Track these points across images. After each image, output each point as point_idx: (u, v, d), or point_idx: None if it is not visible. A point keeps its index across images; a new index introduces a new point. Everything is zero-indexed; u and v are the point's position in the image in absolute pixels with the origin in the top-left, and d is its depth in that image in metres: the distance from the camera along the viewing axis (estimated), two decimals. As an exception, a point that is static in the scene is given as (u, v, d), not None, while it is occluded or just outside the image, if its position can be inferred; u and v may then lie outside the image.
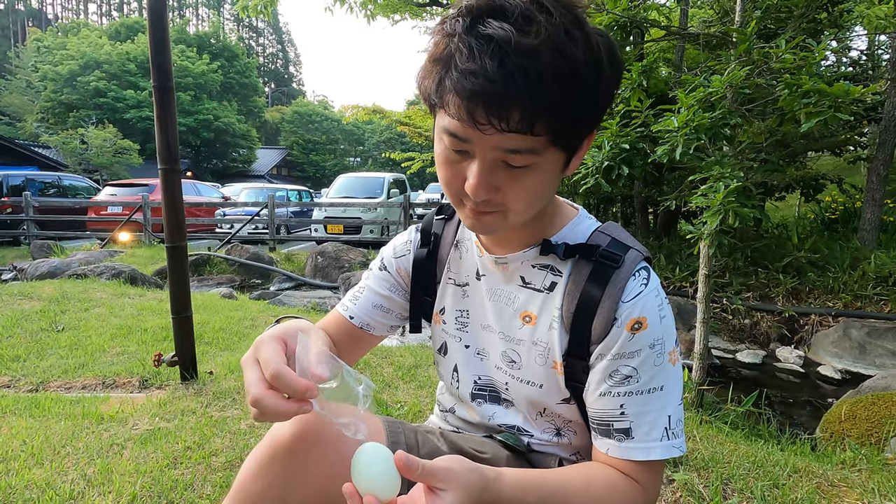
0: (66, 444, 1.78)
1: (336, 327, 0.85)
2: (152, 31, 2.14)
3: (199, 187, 13.10)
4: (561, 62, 0.51)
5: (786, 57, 2.16)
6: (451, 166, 0.61)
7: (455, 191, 0.62)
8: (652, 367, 0.65)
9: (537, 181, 0.59)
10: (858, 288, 4.59)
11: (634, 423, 0.65)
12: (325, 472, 0.61)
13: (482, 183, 0.57)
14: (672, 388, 0.66)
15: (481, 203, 0.60)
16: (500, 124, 0.52)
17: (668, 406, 0.65)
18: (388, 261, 0.87)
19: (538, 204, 0.63)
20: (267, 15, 7.25)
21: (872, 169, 5.28)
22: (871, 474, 1.78)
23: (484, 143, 0.55)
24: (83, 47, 28.12)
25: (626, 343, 0.64)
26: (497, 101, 0.51)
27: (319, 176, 40.46)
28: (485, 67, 0.50)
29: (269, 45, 71.56)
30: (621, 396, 0.65)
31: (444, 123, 0.57)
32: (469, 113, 0.53)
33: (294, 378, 0.51)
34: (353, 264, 7.14)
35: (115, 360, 2.75)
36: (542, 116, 0.53)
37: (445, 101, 0.55)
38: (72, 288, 4.59)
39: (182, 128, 29.21)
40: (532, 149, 0.55)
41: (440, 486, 0.52)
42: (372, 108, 11.68)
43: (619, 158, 2.82)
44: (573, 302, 0.68)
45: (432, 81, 0.56)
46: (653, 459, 0.64)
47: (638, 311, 0.64)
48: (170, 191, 2.28)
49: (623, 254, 0.67)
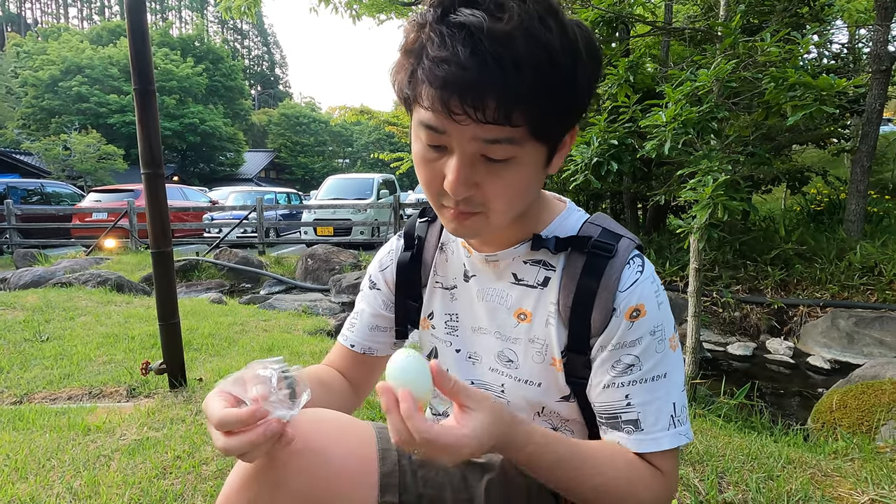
0: (51, 456, 1.73)
1: (341, 359, 0.86)
2: (132, 33, 2.10)
3: (185, 192, 12.95)
4: (536, 49, 0.50)
5: (771, 50, 2.18)
6: (430, 165, 0.59)
7: (435, 192, 0.60)
8: (654, 354, 0.64)
9: (519, 177, 0.58)
10: (845, 278, 4.65)
11: (642, 414, 0.64)
12: (310, 481, 0.59)
13: (461, 178, 0.56)
14: (674, 374, 0.66)
15: (462, 203, 0.58)
16: (476, 114, 0.51)
17: (672, 393, 0.65)
18: (375, 277, 0.86)
19: (520, 203, 0.62)
20: (251, 16, 7.18)
21: (856, 161, 5.35)
22: (863, 463, 1.79)
23: (461, 135, 0.54)
24: (64, 52, 27.66)
25: (626, 332, 0.64)
26: (471, 89, 0.50)
27: (308, 178, 40.23)
28: (457, 55, 0.49)
29: (254, 47, 70.99)
30: (626, 386, 0.65)
31: (420, 117, 0.56)
32: (443, 103, 0.51)
33: (236, 413, 0.52)
34: (344, 266, 7.09)
35: (101, 370, 2.70)
36: (518, 105, 0.51)
37: (419, 92, 0.54)
38: (56, 297, 4.50)
39: (167, 132, 28.90)
40: (511, 139, 0.53)
41: (471, 405, 0.54)
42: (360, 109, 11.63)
43: (608, 154, 2.82)
44: (569, 296, 0.67)
45: (405, 74, 0.55)
46: (664, 450, 0.64)
47: (636, 298, 0.64)
48: (154, 196, 2.23)
49: (615, 243, 0.67)
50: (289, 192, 15.33)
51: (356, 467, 0.61)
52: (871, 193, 5.99)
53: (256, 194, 11.96)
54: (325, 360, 0.89)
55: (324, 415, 0.64)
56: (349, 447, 0.62)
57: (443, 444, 0.52)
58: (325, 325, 4.11)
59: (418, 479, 0.64)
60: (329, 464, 0.60)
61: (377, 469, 0.62)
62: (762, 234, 5.71)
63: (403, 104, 0.60)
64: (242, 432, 0.52)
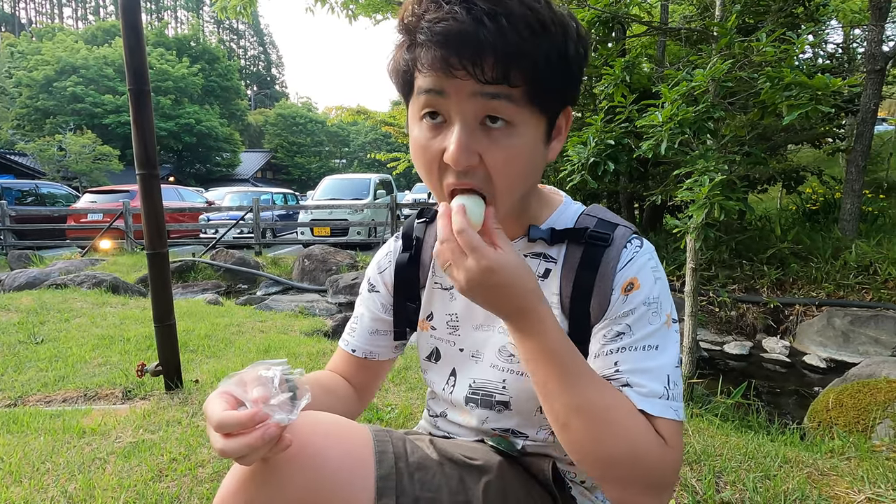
0: (45, 459, 1.72)
1: (344, 364, 0.86)
2: (126, 33, 2.09)
3: (181, 192, 12.91)
4: (528, 11, 0.53)
5: (767, 50, 2.18)
6: (429, 145, 0.59)
7: (437, 176, 0.60)
8: (646, 325, 0.63)
9: (519, 149, 0.58)
10: (840, 277, 4.67)
11: (631, 379, 0.61)
12: (306, 484, 0.58)
13: (461, 145, 0.56)
14: (668, 349, 0.63)
15: (464, 176, 0.58)
16: (475, 70, 0.52)
17: (666, 367, 0.61)
18: (374, 280, 0.86)
19: (522, 182, 0.62)
20: (247, 16, 7.14)
21: (851, 160, 5.38)
22: (859, 462, 1.80)
23: (460, 94, 0.55)
24: (59, 52, 27.51)
25: (619, 305, 0.64)
26: (469, 44, 0.52)
27: (305, 178, 40.13)
28: (453, 13, 0.52)
29: (250, 47, 70.81)
30: (615, 353, 0.62)
31: (420, 84, 0.57)
32: (443, 60, 0.53)
33: (236, 415, 0.51)
34: (341, 266, 7.08)
35: (96, 372, 2.68)
36: (515, 62, 0.53)
37: (418, 57, 0.55)
38: (51, 298, 4.48)
39: (163, 132, 28.78)
40: (509, 95, 0.55)
41: (503, 245, 0.57)
42: (356, 109, 11.59)
43: (605, 154, 2.82)
44: (569, 286, 0.67)
45: (403, 49, 0.58)
46: (657, 416, 0.59)
47: (631, 273, 0.65)
48: (149, 196, 2.22)
49: (611, 232, 0.68)
50: (285, 192, 15.29)
51: (352, 470, 0.61)
52: (866, 193, 6.02)
53: (253, 195, 11.92)
54: (328, 365, 0.89)
55: (320, 418, 0.64)
56: (345, 450, 0.62)
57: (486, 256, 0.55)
58: (322, 325, 4.10)
59: (415, 482, 0.63)
60: (325, 467, 0.59)
61: (374, 472, 0.61)
62: (758, 234, 5.73)
63: (402, 87, 0.61)
64: (241, 435, 0.52)
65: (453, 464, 0.68)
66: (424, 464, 0.66)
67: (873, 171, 7.41)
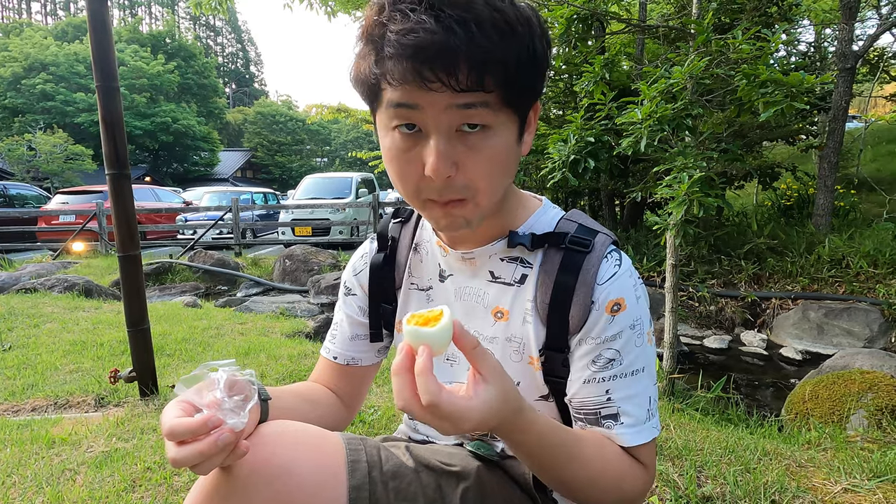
0: (11, 472, 1.65)
1: (327, 373, 0.84)
2: (93, 26, 2.01)
3: (158, 193, 12.63)
4: (494, 13, 0.51)
5: (743, 47, 2.21)
6: (403, 157, 0.57)
7: (414, 186, 0.58)
8: (634, 349, 0.64)
9: (497, 150, 0.57)
10: (815, 271, 4.78)
11: (622, 409, 0.64)
12: (274, 497, 0.55)
13: (441, 156, 0.54)
14: (650, 367, 0.67)
15: (447, 190, 0.57)
16: (450, 80, 0.51)
17: (649, 387, 0.66)
18: (350, 283, 0.84)
19: (502, 181, 0.61)
20: (223, 12, 7.01)
21: (823, 157, 5.51)
22: (835, 453, 1.84)
23: (435, 106, 0.53)
24: (27, 48, 26.65)
25: (606, 326, 0.63)
26: (441, 54, 0.50)
27: (286, 177, 39.68)
28: (422, 23, 0.50)
29: (228, 44, 69.56)
30: (606, 381, 0.64)
31: (390, 97, 0.55)
32: (416, 72, 0.51)
33: (186, 422, 0.50)
34: (323, 266, 7.00)
35: (68, 379, 2.59)
36: (488, 67, 0.52)
37: (387, 70, 0.53)
38: (20, 303, 4.32)
39: (138, 131, 28.13)
40: (486, 102, 0.53)
41: (487, 376, 0.52)
42: (337, 107, 11.44)
43: (585, 152, 2.83)
44: (547, 292, 0.66)
45: (370, 59, 0.55)
46: (642, 443, 0.64)
47: (616, 292, 0.64)
48: (120, 197, 2.15)
49: (592, 238, 0.67)
50: (265, 191, 15.08)
51: (323, 481, 0.58)
52: (838, 188, 6.18)
53: (232, 194, 11.72)
54: (311, 376, 0.87)
55: (288, 427, 0.61)
56: (315, 460, 0.59)
57: (447, 412, 0.49)
58: (303, 326, 4.04)
59: (389, 491, 0.61)
60: (293, 477, 0.56)
61: (346, 482, 0.59)
62: (735, 229, 5.84)
63: (368, 98, 0.59)
64: (193, 442, 0.50)
65: (430, 471, 0.66)
66: (400, 472, 0.64)
67: (844, 166, 7.61)
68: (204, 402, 0.52)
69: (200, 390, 0.54)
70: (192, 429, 0.50)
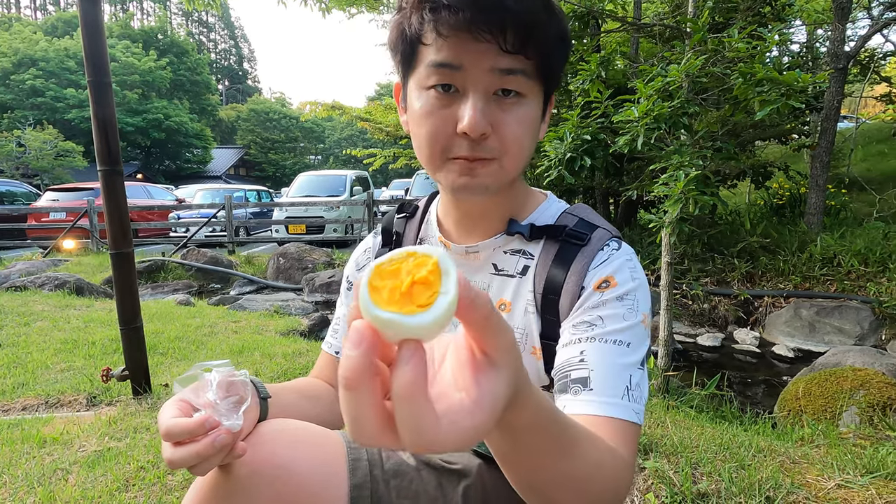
0: (2, 472, 1.63)
1: (329, 368, 0.83)
2: (85, 22, 1.99)
3: (150, 190, 12.52)
4: None
5: (739, 46, 2.21)
6: (438, 114, 0.58)
7: (444, 144, 0.59)
8: (620, 320, 0.59)
9: (528, 118, 0.60)
10: (806, 269, 4.82)
11: (593, 373, 0.56)
12: (274, 497, 0.54)
13: (480, 112, 0.56)
14: (638, 349, 0.59)
15: (477, 147, 0.58)
16: (499, 38, 0.53)
17: (631, 367, 0.58)
18: (352, 278, 0.84)
19: (528, 150, 0.62)
20: (216, 8, 6.93)
21: (815, 156, 5.55)
22: (828, 449, 1.85)
23: (479, 67, 0.55)
24: (16, 43, 26.30)
25: (592, 299, 0.62)
26: (495, 9, 0.52)
27: (279, 175, 39.46)
28: None
29: (221, 40, 69.00)
30: (582, 342, 0.59)
31: (432, 57, 0.56)
32: (470, 22, 0.53)
33: (183, 423, 0.49)
34: (317, 264, 6.97)
35: (59, 378, 2.56)
36: (533, 32, 0.55)
37: (437, 24, 0.54)
38: (10, 301, 4.27)
39: (130, 128, 27.87)
40: (524, 70, 0.56)
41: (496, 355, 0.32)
42: (331, 105, 11.38)
43: (581, 150, 2.83)
44: (541, 283, 0.66)
45: (415, 19, 0.56)
46: (614, 417, 0.53)
47: (606, 271, 0.63)
48: (112, 194, 2.13)
49: (590, 232, 0.66)
50: (259, 189, 14.99)
51: (324, 480, 0.57)
52: (830, 187, 6.23)
53: (225, 192, 11.64)
54: (311, 371, 0.86)
55: (288, 425, 0.60)
56: (316, 458, 0.58)
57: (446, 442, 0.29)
58: (297, 325, 4.02)
59: (391, 490, 0.61)
60: (294, 477, 0.56)
61: (347, 480, 0.59)
62: (729, 228, 5.87)
63: (404, 60, 0.60)
64: (190, 443, 0.49)
65: (431, 469, 0.66)
66: (401, 470, 0.63)
67: (836, 166, 7.67)
68: (201, 403, 0.51)
69: (197, 390, 0.53)
70: (189, 429, 0.49)
